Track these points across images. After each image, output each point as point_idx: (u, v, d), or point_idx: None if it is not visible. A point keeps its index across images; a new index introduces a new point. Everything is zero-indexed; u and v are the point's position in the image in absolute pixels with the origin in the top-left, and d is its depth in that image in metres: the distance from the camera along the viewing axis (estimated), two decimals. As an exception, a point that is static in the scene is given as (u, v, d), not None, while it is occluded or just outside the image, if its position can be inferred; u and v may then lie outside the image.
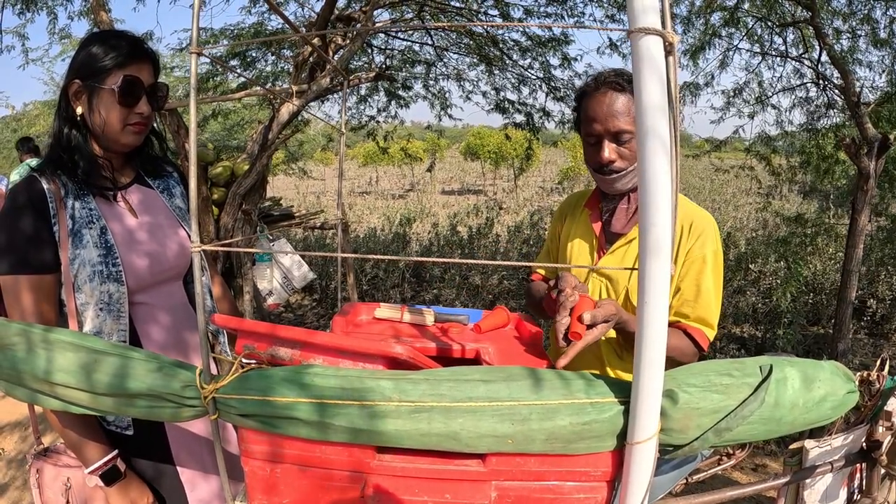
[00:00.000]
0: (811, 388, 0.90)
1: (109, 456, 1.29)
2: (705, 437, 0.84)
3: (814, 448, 1.18)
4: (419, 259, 0.73)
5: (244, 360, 0.85)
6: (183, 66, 6.88)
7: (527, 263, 1.15)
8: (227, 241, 1.33)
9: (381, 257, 0.75)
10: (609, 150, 1.41)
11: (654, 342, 0.72)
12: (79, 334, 0.94)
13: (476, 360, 1.17)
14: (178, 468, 1.42)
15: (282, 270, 3.99)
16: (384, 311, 1.39)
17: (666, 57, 0.69)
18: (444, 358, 1.21)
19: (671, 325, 1.42)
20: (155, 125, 1.54)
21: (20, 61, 4.55)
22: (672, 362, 1.33)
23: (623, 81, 1.41)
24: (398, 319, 1.36)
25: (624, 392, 0.80)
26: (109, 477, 1.30)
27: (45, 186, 1.31)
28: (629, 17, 0.69)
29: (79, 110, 1.36)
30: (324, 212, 4.77)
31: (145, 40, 1.43)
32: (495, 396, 0.77)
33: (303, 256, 4.24)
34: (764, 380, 0.86)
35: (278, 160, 11.66)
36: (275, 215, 4.56)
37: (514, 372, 0.82)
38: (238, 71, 4.37)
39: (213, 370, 1.54)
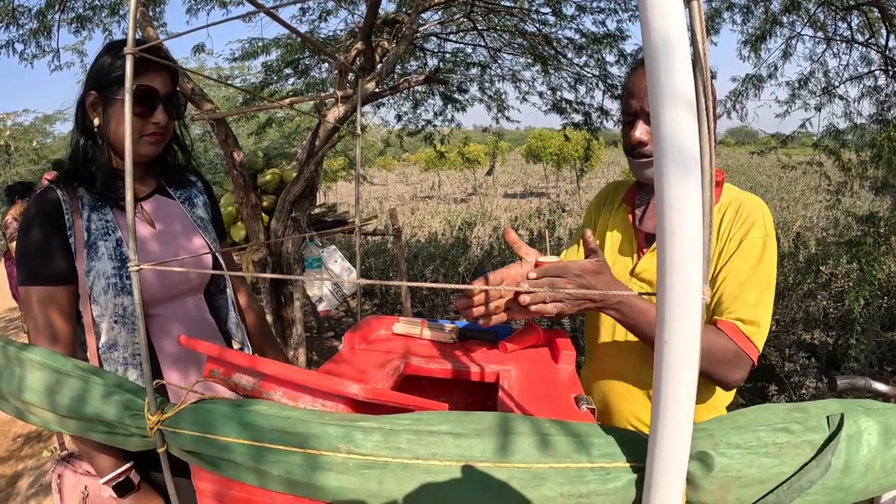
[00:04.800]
0: (893, 445, 0.67)
1: (123, 468, 1.25)
2: None
3: (888, 493, 1.00)
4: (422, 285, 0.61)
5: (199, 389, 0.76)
6: (241, 76, 7.00)
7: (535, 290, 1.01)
8: (167, 260, 1.28)
9: (397, 283, 0.64)
10: (641, 131, 1.27)
11: (678, 392, 0.53)
12: (48, 353, 0.89)
13: (495, 385, 1.04)
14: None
15: (331, 277, 3.95)
16: (403, 326, 1.28)
17: (687, 1, 0.52)
18: (462, 381, 1.09)
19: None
20: (179, 135, 1.50)
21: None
22: (712, 368, 1.15)
23: None
24: (417, 335, 1.25)
25: (639, 453, 0.62)
26: (122, 488, 1.25)
27: (61, 197, 1.29)
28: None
29: (95, 121, 1.34)
30: (377, 217, 4.71)
31: (162, 48, 1.39)
32: (466, 454, 0.61)
33: (351, 268, 4.19)
34: (832, 437, 0.65)
35: (338, 166, 11.80)
36: (328, 221, 4.54)
37: (494, 423, 0.65)
38: (204, 75, 4.36)
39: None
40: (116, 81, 1.30)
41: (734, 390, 1.36)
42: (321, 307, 4.04)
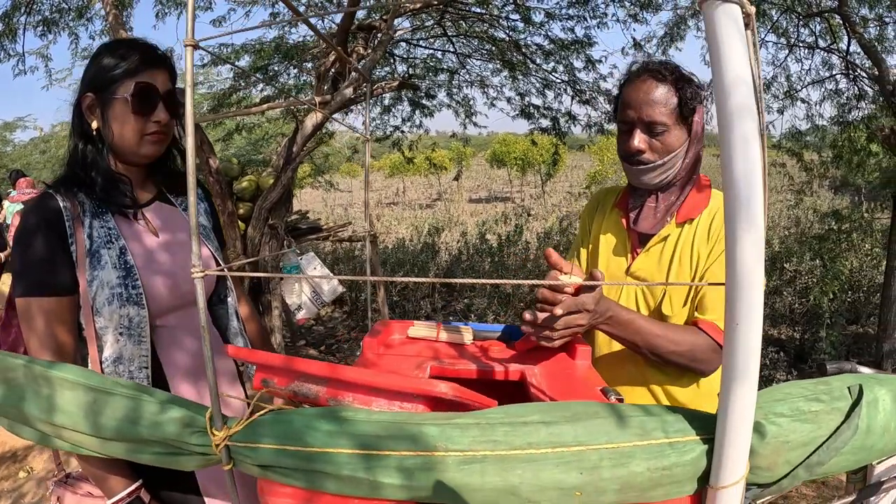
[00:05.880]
0: None
1: (132, 487, 1.20)
2: (795, 474, 0.73)
3: (880, 463, 1.06)
4: (449, 280, 0.62)
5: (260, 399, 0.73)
6: (207, 82, 6.90)
7: (584, 281, 1.04)
8: (245, 261, 1.25)
9: (409, 279, 0.66)
10: (639, 139, 1.35)
11: (746, 372, 0.60)
12: (83, 371, 0.84)
13: (521, 383, 1.06)
14: (206, 499, 1.33)
15: (311, 284, 3.92)
16: (418, 329, 1.28)
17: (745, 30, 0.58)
18: (486, 381, 1.11)
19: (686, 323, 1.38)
20: (178, 138, 1.45)
21: (45, 83, 4.58)
22: (695, 363, 1.30)
23: (665, 72, 1.35)
24: (434, 338, 1.26)
25: (704, 427, 0.69)
26: None
27: (61, 204, 1.24)
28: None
29: (94, 124, 1.29)
30: (351, 224, 4.71)
31: (158, 46, 1.35)
32: (559, 441, 0.65)
33: (331, 274, 4.17)
34: (855, 403, 0.74)
35: (305, 173, 11.71)
36: (302, 229, 4.50)
37: (578, 410, 0.70)
38: (239, 67, 4.33)
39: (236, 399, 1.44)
40: (115, 80, 1.25)
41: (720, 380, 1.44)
42: (300, 315, 4.00)
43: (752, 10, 0.60)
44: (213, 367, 0.70)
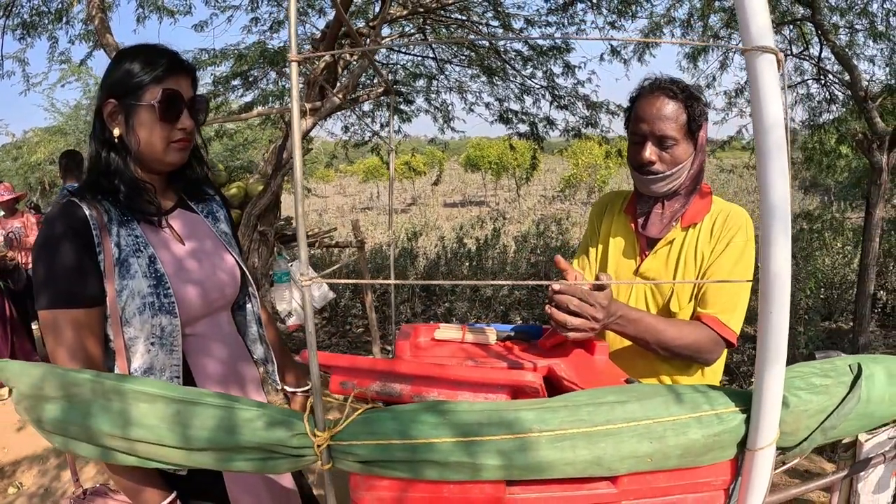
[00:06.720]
0: (894, 383, 0.94)
1: (168, 500, 1.19)
2: (813, 438, 0.87)
3: (868, 441, 1.16)
4: (474, 283, 0.68)
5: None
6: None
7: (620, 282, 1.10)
8: (328, 271, 1.24)
9: (432, 282, 0.71)
10: (650, 151, 1.46)
11: (778, 353, 0.72)
12: (160, 383, 0.85)
13: (548, 378, 1.12)
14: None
15: (301, 291, 3.93)
16: (445, 331, 1.32)
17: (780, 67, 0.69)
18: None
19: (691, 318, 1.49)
20: (196, 145, 1.42)
21: (20, 87, 4.53)
22: (699, 355, 1.42)
23: (677, 89, 1.45)
24: (460, 340, 1.31)
25: (741, 400, 0.82)
26: None
27: (87, 212, 1.20)
28: (743, 35, 0.67)
29: (116, 131, 1.25)
30: (336, 229, 4.73)
31: (179, 52, 1.34)
32: (632, 416, 0.77)
33: (340, 281, 4.18)
34: (856, 378, 0.89)
35: (281, 179, 11.70)
36: (288, 235, 4.51)
37: (643, 390, 0.82)
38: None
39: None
40: (141, 86, 1.23)
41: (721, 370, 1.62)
42: (290, 321, 4.00)
43: (782, 56, 0.70)
44: (318, 370, 0.73)
